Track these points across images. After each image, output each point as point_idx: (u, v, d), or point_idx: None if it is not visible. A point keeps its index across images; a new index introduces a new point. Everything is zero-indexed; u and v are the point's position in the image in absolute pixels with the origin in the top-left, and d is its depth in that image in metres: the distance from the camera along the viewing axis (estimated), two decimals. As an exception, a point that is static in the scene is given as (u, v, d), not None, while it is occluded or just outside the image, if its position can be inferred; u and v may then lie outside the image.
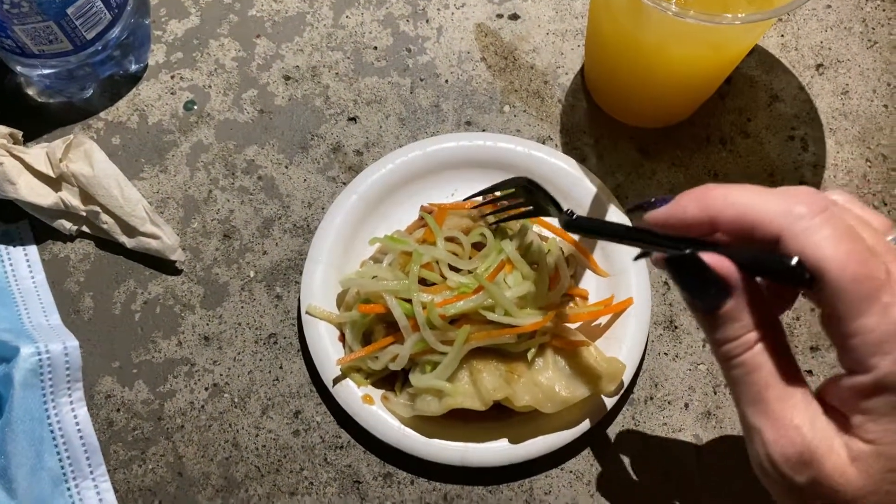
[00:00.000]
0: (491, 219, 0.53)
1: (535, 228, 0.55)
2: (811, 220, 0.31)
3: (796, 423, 0.32)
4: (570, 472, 0.52)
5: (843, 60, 0.63)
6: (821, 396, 0.33)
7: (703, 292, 0.33)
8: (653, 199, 0.36)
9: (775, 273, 0.33)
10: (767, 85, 0.62)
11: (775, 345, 0.33)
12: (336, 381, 0.52)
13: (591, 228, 0.45)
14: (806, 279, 0.31)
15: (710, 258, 0.33)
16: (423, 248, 0.52)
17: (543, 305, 0.52)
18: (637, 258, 0.40)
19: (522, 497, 0.52)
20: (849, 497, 0.31)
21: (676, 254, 0.34)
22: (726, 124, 0.61)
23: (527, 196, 0.50)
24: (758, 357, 0.33)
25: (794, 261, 0.31)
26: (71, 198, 0.56)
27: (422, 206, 0.56)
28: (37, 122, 0.60)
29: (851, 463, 0.31)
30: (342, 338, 0.54)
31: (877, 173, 0.59)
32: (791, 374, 0.33)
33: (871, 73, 0.62)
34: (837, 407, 0.32)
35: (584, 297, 0.55)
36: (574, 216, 0.44)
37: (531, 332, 0.50)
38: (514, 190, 0.51)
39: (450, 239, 0.53)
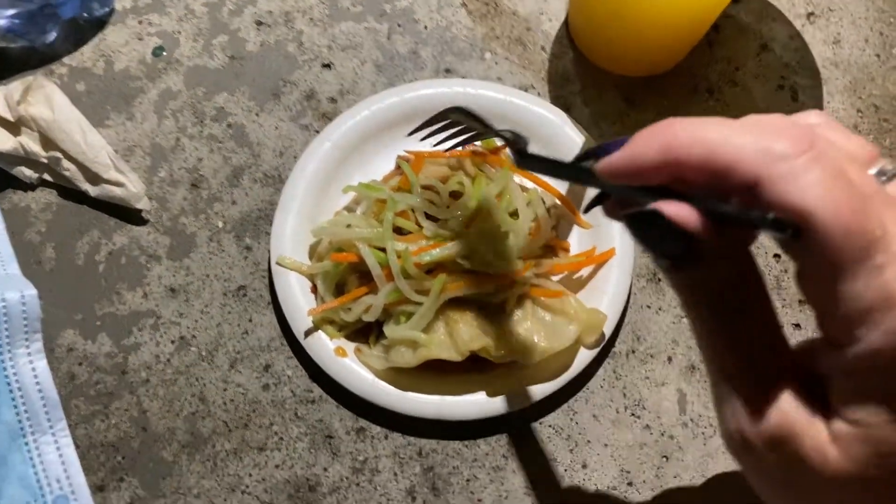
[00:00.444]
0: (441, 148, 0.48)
1: (517, 179, 0.53)
2: (795, 160, 0.26)
3: (773, 394, 0.28)
4: (550, 426, 0.50)
5: (834, 9, 0.61)
6: (799, 360, 0.29)
7: (666, 248, 0.28)
8: (606, 143, 0.31)
9: (752, 226, 0.28)
10: (757, 33, 0.60)
11: (753, 302, 0.28)
12: (308, 333, 0.50)
13: (545, 167, 0.37)
14: (787, 233, 0.26)
15: (672, 209, 0.27)
16: (398, 195, 0.50)
17: (523, 256, 0.50)
18: (586, 210, 0.37)
19: (500, 451, 0.50)
20: (826, 479, 0.27)
21: (634, 210, 0.29)
22: (714, 73, 0.59)
23: (468, 122, 0.44)
24: (731, 316, 0.28)
25: (771, 216, 0.26)
26: (31, 143, 0.53)
27: (398, 156, 0.54)
28: (-4, 68, 0.58)
29: (832, 442, 0.27)
30: (314, 289, 0.52)
31: (868, 124, 0.57)
32: (770, 335, 0.28)
33: (863, 23, 0.60)
34: (818, 376, 0.28)
35: (566, 250, 0.53)
36: (526, 151, 0.38)
37: (509, 282, 0.49)
38: (450, 121, 0.45)
39: (427, 187, 0.51)
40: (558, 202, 0.53)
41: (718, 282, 0.28)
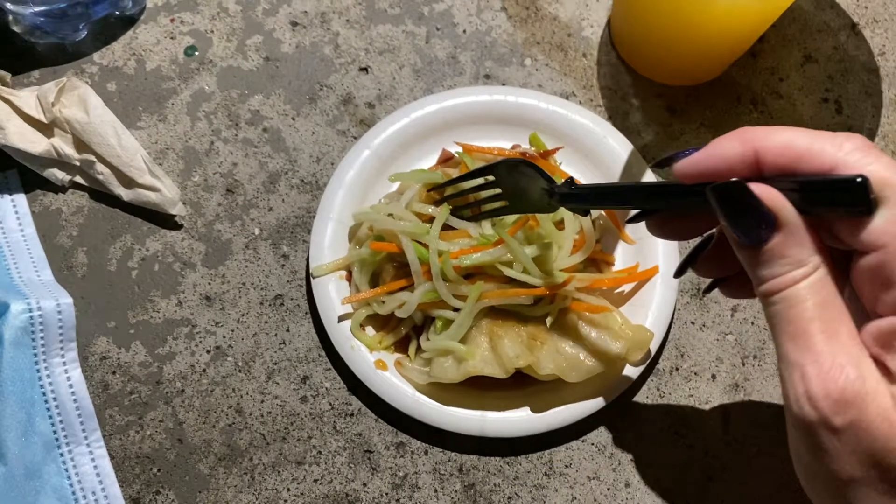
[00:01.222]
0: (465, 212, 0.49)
1: None
2: (863, 151, 0.30)
3: (840, 361, 0.29)
4: (592, 444, 0.50)
5: (879, 20, 0.60)
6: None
7: (749, 225, 0.31)
8: (677, 153, 0.34)
9: (832, 197, 0.30)
10: (801, 44, 0.59)
11: (824, 280, 0.31)
12: (347, 344, 0.49)
13: (596, 195, 0.41)
14: (868, 200, 0.29)
15: (757, 188, 0.31)
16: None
17: (565, 268, 0.49)
18: (629, 221, 0.39)
19: (542, 469, 0.49)
20: (889, 446, 0.29)
21: (723, 182, 0.32)
22: (758, 84, 0.58)
23: (508, 184, 0.46)
24: (803, 291, 0.31)
25: (859, 178, 0.29)
26: (64, 145, 0.52)
27: (443, 149, 0.53)
28: (24, 66, 0.56)
29: None
30: (349, 277, 0.51)
31: (914, 139, 0.57)
32: (838, 311, 0.31)
33: (908, 35, 0.59)
34: (876, 355, 0.30)
35: (610, 264, 0.52)
36: (572, 185, 0.41)
37: (551, 295, 0.48)
38: (491, 178, 0.47)
39: None
40: (604, 214, 0.53)
41: (792, 263, 0.31)
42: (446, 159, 0.53)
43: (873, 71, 0.58)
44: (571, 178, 0.42)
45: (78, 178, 0.54)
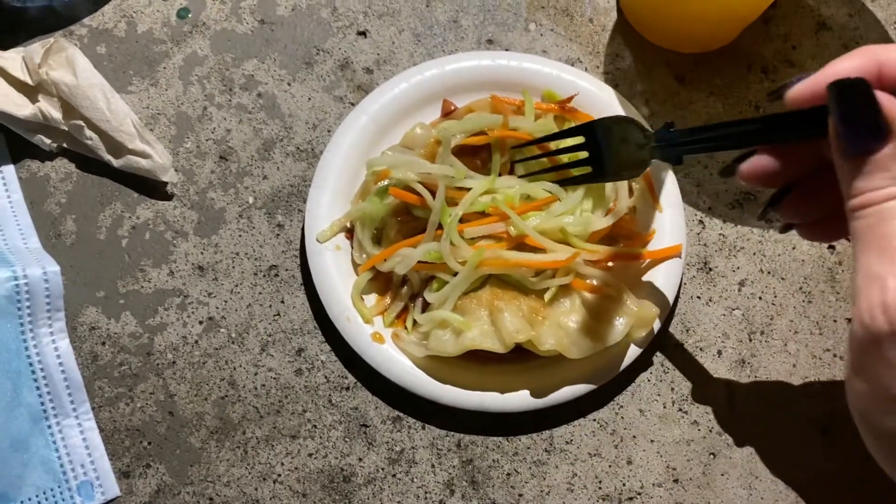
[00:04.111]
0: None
1: None
2: None
3: None
4: (594, 420, 0.49)
5: (897, -14, 0.57)
6: None
7: (861, 131, 0.30)
8: (795, 77, 0.34)
9: None
10: (815, 11, 0.57)
11: None
12: (343, 316, 0.48)
13: (695, 136, 0.39)
14: None
15: (879, 95, 0.30)
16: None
17: (594, 231, 0.47)
18: (726, 173, 0.39)
19: (542, 446, 0.48)
20: None
21: (846, 78, 0.31)
22: (769, 52, 0.56)
23: (602, 146, 0.44)
24: None
25: None
26: (51, 109, 0.50)
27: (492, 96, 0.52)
28: (13, 29, 0.54)
29: None
30: (350, 235, 0.50)
31: (930, 110, 0.55)
32: None
33: (926, 2, 0.57)
34: None
35: (643, 242, 0.50)
36: (671, 128, 0.40)
37: (554, 268, 0.46)
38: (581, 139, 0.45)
39: None
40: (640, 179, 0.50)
41: (893, 179, 0.31)
42: (448, 112, 0.51)
43: (889, 40, 0.56)
44: (671, 122, 0.41)
45: (66, 144, 0.52)
